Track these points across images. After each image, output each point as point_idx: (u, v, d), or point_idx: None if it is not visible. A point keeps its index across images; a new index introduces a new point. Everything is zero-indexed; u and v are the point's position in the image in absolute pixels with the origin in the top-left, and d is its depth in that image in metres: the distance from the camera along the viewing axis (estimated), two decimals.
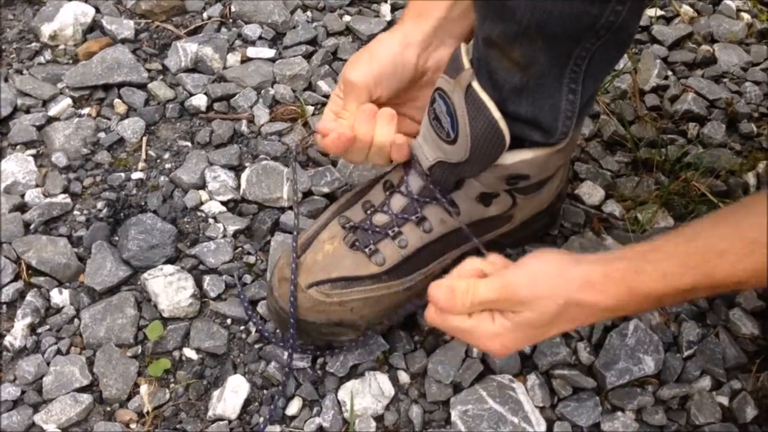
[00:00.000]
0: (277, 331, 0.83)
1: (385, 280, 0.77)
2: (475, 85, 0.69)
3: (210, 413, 0.78)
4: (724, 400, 0.80)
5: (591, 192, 0.95)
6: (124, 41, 1.13)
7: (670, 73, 1.13)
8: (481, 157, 0.72)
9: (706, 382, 0.81)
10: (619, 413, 0.79)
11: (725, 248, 0.58)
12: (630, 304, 0.62)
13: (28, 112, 1.04)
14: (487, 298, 0.63)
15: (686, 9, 1.23)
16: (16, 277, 0.87)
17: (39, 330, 0.84)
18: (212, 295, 0.87)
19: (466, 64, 0.69)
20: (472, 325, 0.64)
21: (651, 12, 1.22)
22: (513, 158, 0.73)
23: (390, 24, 1.20)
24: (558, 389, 0.80)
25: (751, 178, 0.98)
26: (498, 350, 0.65)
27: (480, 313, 0.64)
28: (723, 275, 0.58)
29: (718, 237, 0.59)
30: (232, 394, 0.79)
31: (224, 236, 0.92)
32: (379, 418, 0.79)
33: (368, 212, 0.79)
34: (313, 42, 1.16)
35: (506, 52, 0.67)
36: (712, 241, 0.59)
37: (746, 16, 1.22)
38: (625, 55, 1.13)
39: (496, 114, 0.68)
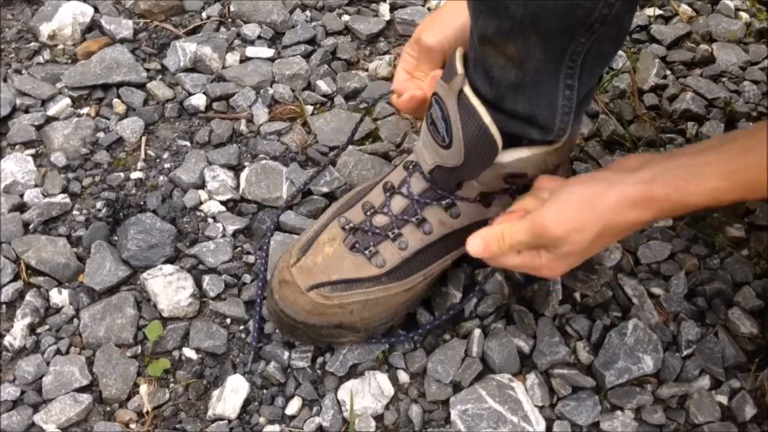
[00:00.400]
0: (277, 331, 0.83)
1: (386, 282, 0.77)
2: (467, 90, 0.69)
3: (210, 413, 0.78)
4: (723, 399, 0.80)
5: None
6: (122, 41, 1.13)
7: (668, 72, 1.13)
8: (475, 162, 0.72)
9: (705, 381, 0.81)
10: (619, 412, 0.79)
11: (749, 161, 0.60)
12: (673, 213, 0.66)
13: (27, 111, 1.04)
14: (521, 241, 0.68)
15: (685, 8, 1.24)
16: (16, 277, 0.87)
17: (38, 330, 0.84)
18: (212, 294, 0.87)
19: (459, 69, 0.70)
20: (523, 262, 0.69)
21: (650, 11, 1.22)
22: (510, 157, 0.73)
23: (389, 23, 1.20)
24: (557, 388, 0.80)
25: None
26: (556, 276, 0.71)
27: (528, 250, 0.69)
28: (745, 180, 0.61)
29: (737, 151, 0.62)
30: (231, 394, 0.79)
31: (224, 236, 0.92)
32: (378, 418, 0.79)
33: (368, 213, 0.79)
34: (312, 41, 1.16)
35: (501, 49, 0.67)
36: (764, 155, 0.60)
37: (745, 16, 1.22)
38: (624, 55, 1.13)
39: (487, 119, 0.68)
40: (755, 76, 1.12)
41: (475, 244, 0.69)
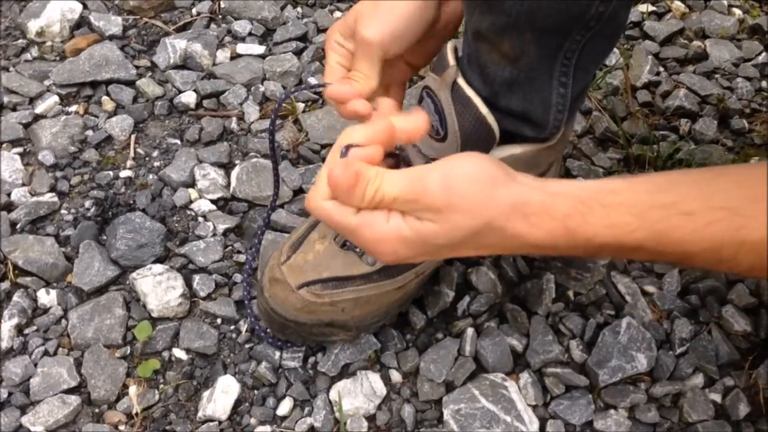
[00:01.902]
0: (268, 330, 0.82)
1: (377, 279, 0.76)
2: (461, 81, 0.68)
3: (200, 414, 0.78)
4: (716, 398, 0.80)
5: None
6: (112, 38, 1.12)
7: (661, 69, 1.12)
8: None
9: (698, 380, 0.80)
10: (612, 411, 0.78)
11: (694, 210, 0.49)
12: (562, 245, 0.53)
13: (14, 109, 1.03)
14: (390, 195, 0.52)
15: (678, 5, 1.23)
16: (3, 278, 0.86)
17: (26, 331, 0.83)
18: (202, 294, 0.86)
19: (451, 61, 0.69)
20: (359, 223, 0.53)
21: (643, 8, 1.21)
22: (502, 153, 0.72)
23: None
24: (551, 387, 0.79)
25: None
26: (386, 257, 0.54)
27: (372, 210, 0.53)
28: (677, 239, 0.50)
29: (693, 195, 0.50)
30: (222, 395, 0.78)
31: (214, 235, 0.91)
32: (371, 418, 0.78)
33: None
34: (303, 38, 1.15)
35: (496, 45, 0.67)
36: (684, 201, 0.50)
37: (738, 12, 1.22)
38: (617, 51, 1.12)
39: (484, 109, 0.68)
40: (748, 72, 1.11)
41: (345, 175, 0.52)
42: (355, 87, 0.67)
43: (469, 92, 0.68)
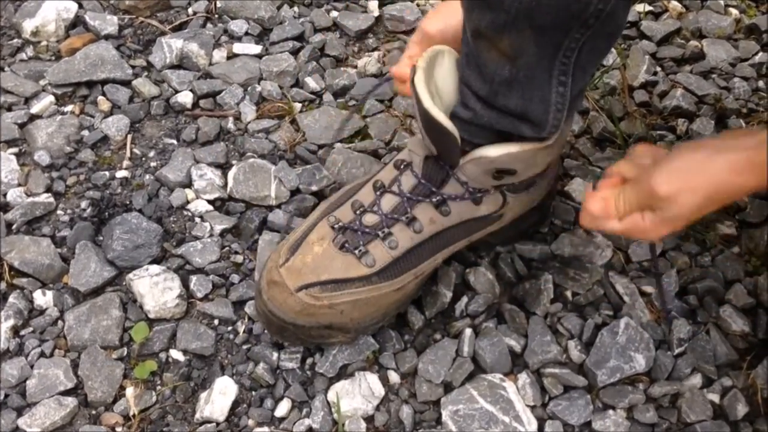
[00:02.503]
0: (265, 332, 0.82)
1: (376, 281, 0.76)
2: (416, 79, 0.70)
3: (197, 416, 0.77)
4: (715, 398, 0.80)
5: (581, 189, 0.95)
6: (107, 37, 1.11)
7: (658, 68, 1.12)
8: (444, 148, 0.73)
9: (697, 380, 0.80)
10: (610, 411, 0.78)
11: None
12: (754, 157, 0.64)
13: (9, 109, 1.02)
14: (634, 203, 0.68)
15: (675, 4, 1.23)
16: None
17: (22, 332, 0.83)
18: (199, 295, 0.86)
19: (420, 62, 0.71)
20: (625, 227, 0.70)
21: (640, 7, 1.21)
22: (498, 151, 0.72)
23: (377, 20, 1.19)
24: (549, 388, 0.79)
25: None
26: (656, 239, 0.70)
27: (631, 214, 0.69)
28: None
29: None
30: (220, 396, 0.78)
31: (211, 235, 0.91)
32: (369, 419, 0.78)
33: (358, 212, 0.78)
34: (300, 38, 1.14)
35: (495, 43, 0.66)
36: None
37: (734, 12, 1.22)
38: (614, 51, 1.12)
39: (427, 103, 0.69)
40: (745, 72, 1.11)
41: (597, 205, 0.70)
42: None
43: (419, 88, 0.70)
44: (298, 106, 1.05)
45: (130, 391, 0.79)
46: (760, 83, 1.10)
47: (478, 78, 0.69)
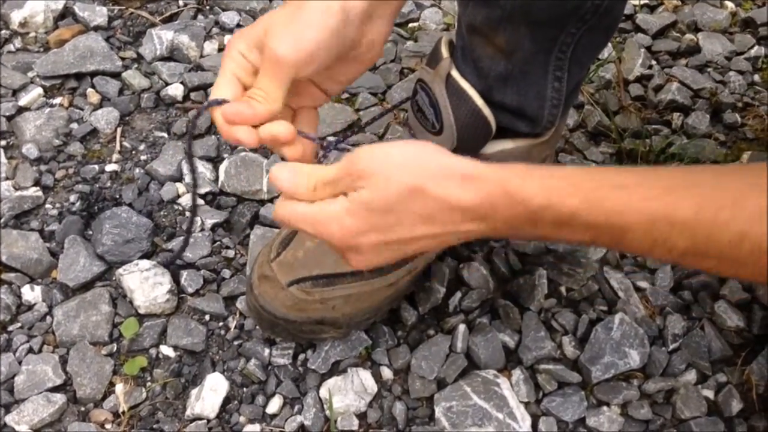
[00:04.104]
0: (257, 327, 0.81)
1: (368, 277, 0.75)
2: (455, 73, 0.67)
3: (188, 412, 0.76)
4: (709, 394, 0.79)
5: None
6: (97, 29, 1.10)
7: (654, 62, 1.12)
8: (468, 145, 0.70)
9: (691, 376, 0.80)
10: (605, 408, 0.78)
11: (629, 184, 0.50)
12: (501, 211, 0.52)
13: None
14: (328, 176, 0.55)
15: None
16: None
17: (10, 328, 0.82)
18: (190, 290, 0.85)
19: (445, 53, 0.68)
20: (314, 211, 0.55)
21: (635, 0, 1.21)
22: (493, 148, 0.72)
23: None
24: (543, 384, 0.79)
25: None
26: (337, 237, 0.54)
27: (327, 195, 0.56)
28: (609, 208, 0.49)
29: (630, 175, 0.51)
30: (210, 393, 0.77)
31: (202, 230, 0.90)
32: (361, 416, 0.77)
33: None
34: None
35: (490, 39, 0.66)
36: (618, 177, 0.51)
37: (730, 5, 1.22)
38: (610, 44, 1.11)
39: (479, 101, 0.67)
40: (741, 66, 1.11)
41: (285, 172, 0.56)
42: (256, 108, 0.58)
43: (464, 84, 0.67)
44: None
45: (119, 388, 0.78)
46: (756, 77, 1.10)
47: (474, 73, 0.68)
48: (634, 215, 0.49)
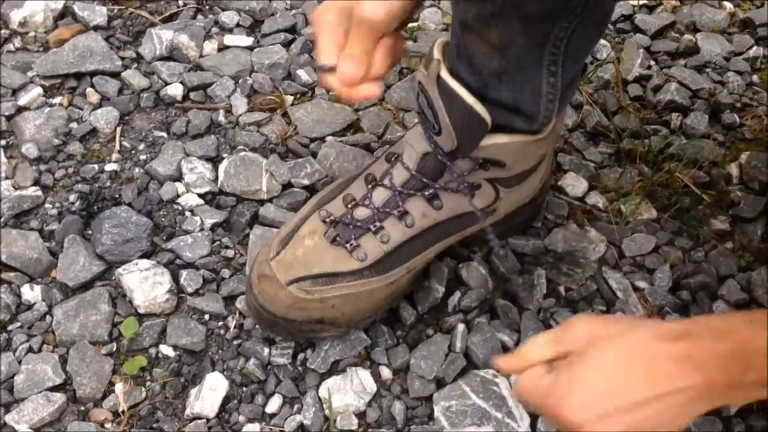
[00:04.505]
0: (257, 327, 0.81)
1: (367, 275, 0.75)
2: (444, 74, 0.67)
3: (188, 412, 0.77)
4: None
5: (574, 183, 0.94)
6: (96, 28, 1.10)
7: (652, 62, 1.12)
8: (467, 144, 0.71)
9: None
10: None
11: None
12: (706, 347, 0.51)
13: None
14: (543, 344, 0.57)
15: None
16: None
17: (9, 327, 0.82)
18: (189, 290, 0.85)
19: (437, 55, 0.68)
20: (533, 381, 0.56)
21: (634, 1, 1.21)
22: (485, 141, 0.71)
23: None
24: None
25: (734, 169, 0.98)
26: (557, 411, 0.53)
27: (547, 365, 0.56)
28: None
29: None
30: (210, 392, 0.77)
31: (202, 229, 0.90)
32: (361, 415, 0.78)
33: (349, 206, 0.77)
34: (292, 30, 1.13)
35: (483, 35, 0.66)
36: None
37: (729, 5, 1.22)
38: (608, 45, 1.12)
39: (470, 99, 0.66)
40: (739, 66, 1.11)
41: (524, 383, 0.57)
42: (364, 68, 0.63)
43: (453, 84, 0.66)
44: (289, 98, 1.04)
45: (119, 387, 0.78)
46: (755, 77, 1.10)
47: (468, 70, 0.69)
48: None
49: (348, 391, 0.78)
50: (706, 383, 0.50)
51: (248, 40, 1.11)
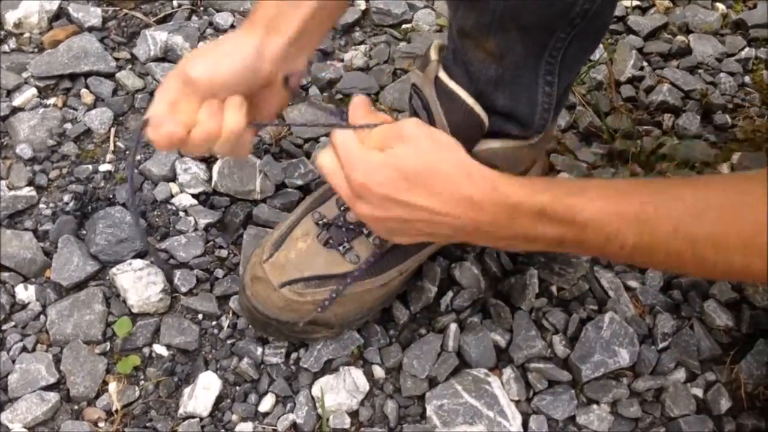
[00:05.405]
0: (250, 327, 0.81)
1: (359, 278, 0.75)
2: (442, 75, 0.67)
3: (181, 411, 0.77)
4: (698, 392, 0.80)
5: None
6: (91, 29, 1.10)
7: (645, 63, 1.12)
8: (463, 145, 0.70)
9: (680, 374, 0.81)
10: (595, 406, 0.78)
11: (589, 187, 0.58)
12: (486, 208, 0.58)
13: None
14: (375, 133, 0.61)
15: None
16: None
17: (4, 327, 0.82)
18: (183, 290, 0.85)
19: (434, 56, 0.68)
20: (355, 149, 0.61)
21: (627, 2, 1.21)
22: (479, 146, 0.72)
23: (364, 13, 1.18)
24: (533, 383, 0.79)
25: (725, 170, 0.98)
26: (358, 179, 0.59)
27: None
28: (570, 205, 0.56)
29: (594, 183, 0.59)
30: (203, 391, 0.77)
31: (195, 230, 0.90)
32: (353, 414, 0.78)
33: (342, 209, 0.77)
34: None
35: (481, 43, 0.66)
36: (582, 183, 0.59)
37: (721, 7, 1.22)
38: (601, 46, 1.12)
39: (470, 100, 0.67)
40: (731, 67, 1.12)
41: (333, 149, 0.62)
42: (176, 119, 0.63)
43: (453, 85, 0.67)
44: None
45: (112, 386, 0.78)
46: (746, 78, 1.11)
47: (465, 76, 0.69)
48: (588, 211, 0.55)
49: (341, 390, 0.78)
50: (476, 225, 0.59)
51: None
